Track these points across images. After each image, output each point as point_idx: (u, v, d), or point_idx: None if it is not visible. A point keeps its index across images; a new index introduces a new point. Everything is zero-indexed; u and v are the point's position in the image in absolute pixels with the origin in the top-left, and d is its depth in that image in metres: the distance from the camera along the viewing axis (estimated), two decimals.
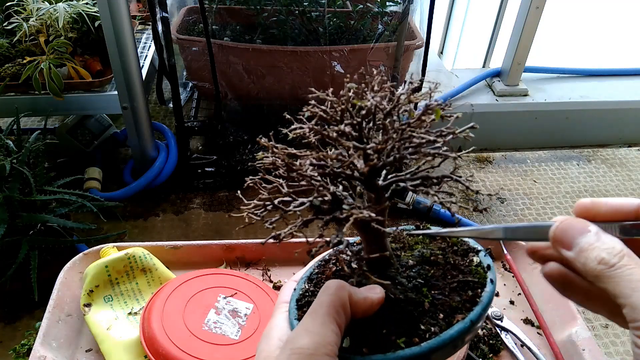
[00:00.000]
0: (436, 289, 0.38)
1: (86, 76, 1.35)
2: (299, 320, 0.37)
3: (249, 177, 0.38)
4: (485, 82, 2.04)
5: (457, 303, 0.36)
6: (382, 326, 0.36)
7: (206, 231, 1.47)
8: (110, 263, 0.69)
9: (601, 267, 0.30)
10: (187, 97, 1.75)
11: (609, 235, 0.32)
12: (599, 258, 0.31)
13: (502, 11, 2.01)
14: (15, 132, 1.20)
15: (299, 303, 0.40)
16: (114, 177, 1.58)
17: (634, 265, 0.30)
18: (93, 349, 0.64)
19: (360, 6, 1.55)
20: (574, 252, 0.32)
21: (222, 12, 1.56)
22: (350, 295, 0.35)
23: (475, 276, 0.38)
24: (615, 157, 1.90)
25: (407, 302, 0.37)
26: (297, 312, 0.39)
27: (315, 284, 0.41)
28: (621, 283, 0.30)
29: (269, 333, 0.38)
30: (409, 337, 0.35)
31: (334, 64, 1.48)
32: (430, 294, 0.37)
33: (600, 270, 0.30)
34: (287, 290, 0.42)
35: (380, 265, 0.39)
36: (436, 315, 0.36)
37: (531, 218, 1.58)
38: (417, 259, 0.40)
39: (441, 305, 0.37)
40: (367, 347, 0.35)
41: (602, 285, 0.31)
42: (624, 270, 0.30)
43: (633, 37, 2.30)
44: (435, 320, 0.36)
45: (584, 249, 0.31)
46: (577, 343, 0.64)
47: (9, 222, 1.07)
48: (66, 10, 1.38)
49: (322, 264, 0.43)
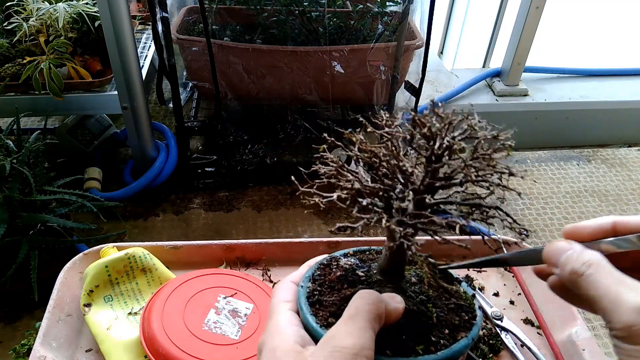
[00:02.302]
0: (437, 307, 0.41)
1: (86, 76, 1.35)
2: (315, 317, 0.38)
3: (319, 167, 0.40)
4: (485, 82, 2.04)
5: (458, 322, 0.41)
6: (400, 332, 0.38)
7: (206, 231, 1.47)
8: (110, 263, 0.69)
9: (573, 276, 0.34)
10: (187, 97, 1.75)
11: (590, 250, 0.35)
12: (570, 269, 0.34)
13: (502, 11, 2.01)
14: (15, 132, 1.20)
15: (310, 300, 0.40)
16: (114, 177, 1.58)
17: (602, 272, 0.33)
18: (93, 349, 0.64)
19: (360, 6, 1.55)
20: (559, 268, 0.36)
21: (222, 12, 1.56)
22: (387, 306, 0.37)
23: (465, 301, 0.43)
24: (615, 157, 1.90)
25: (419, 314, 0.40)
26: (310, 309, 0.39)
27: (319, 284, 0.42)
28: (590, 289, 0.33)
29: (278, 329, 0.37)
30: (426, 346, 0.38)
31: (334, 64, 1.48)
32: (434, 310, 0.41)
33: (574, 280, 0.34)
34: (282, 290, 0.41)
35: (394, 277, 0.42)
36: (442, 330, 0.40)
37: (531, 218, 1.58)
38: (417, 278, 0.44)
39: (445, 322, 0.40)
40: (390, 350, 0.37)
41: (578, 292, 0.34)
42: (592, 277, 0.33)
43: (633, 37, 2.30)
44: (442, 334, 0.39)
45: (564, 264, 0.35)
46: (577, 343, 0.64)
47: (9, 222, 1.07)
48: (66, 10, 1.38)
49: (322, 267, 0.44)
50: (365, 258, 0.46)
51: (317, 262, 0.45)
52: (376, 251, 0.47)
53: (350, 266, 0.43)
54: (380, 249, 0.46)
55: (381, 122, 0.40)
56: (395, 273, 0.42)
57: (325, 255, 0.46)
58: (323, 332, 0.36)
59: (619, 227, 0.37)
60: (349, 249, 0.47)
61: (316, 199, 0.38)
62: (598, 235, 0.37)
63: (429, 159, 0.37)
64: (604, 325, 0.32)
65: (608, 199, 1.69)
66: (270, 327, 0.38)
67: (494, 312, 0.69)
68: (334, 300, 0.40)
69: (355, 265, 0.44)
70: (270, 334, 0.37)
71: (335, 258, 0.45)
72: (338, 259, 0.45)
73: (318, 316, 0.39)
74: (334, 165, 0.39)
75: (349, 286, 0.41)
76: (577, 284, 0.34)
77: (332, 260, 0.45)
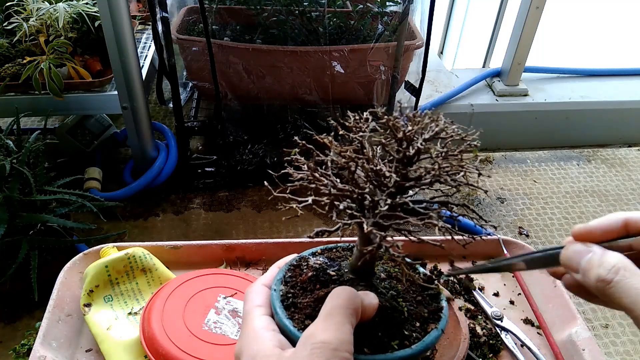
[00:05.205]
0: (406, 301, 0.42)
1: (86, 76, 1.35)
2: (292, 320, 0.38)
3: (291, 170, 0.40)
4: (485, 82, 2.04)
5: (427, 314, 0.42)
6: (375, 329, 0.39)
7: (206, 231, 1.47)
8: (110, 263, 0.69)
9: (600, 284, 0.32)
10: (187, 97, 1.75)
11: (612, 252, 0.33)
12: (596, 276, 0.33)
13: (502, 11, 2.01)
14: (15, 132, 1.20)
15: (284, 304, 0.41)
16: (114, 177, 1.58)
17: (630, 276, 0.31)
18: (93, 349, 0.64)
19: (360, 6, 1.55)
20: (580, 274, 0.34)
21: (222, 12, 1.56)
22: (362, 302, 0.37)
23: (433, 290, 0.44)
24: (615, 157, 1.90)
25: (392, 310, 0.41)
26: (286, 312, 0.39)
27: (292, 286, 0.42)
28: (622, 297, 0.31)
29: (256, 335, 0.37)
30: (401, 340, 0.39)
31: (334, 64, 1.48)
32: (405, 304, 0.42)
33: (602, 288, 0.32)
34: (255, 294, 0.41)
35: (366, 275, 0.42)
36: (414, 323, 0.41)
37: (531, 218, 1.58)
38: (385, 274, 0.44)
39: (415, 315, 0.41)
40: (367, 347, 0.38)
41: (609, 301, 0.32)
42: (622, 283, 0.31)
43: (633, 37, 2.30)
44: (414, 327, 0.40)
45: (586, 270, 0.34)
46: (577, 343, 0.64)
47: (9, 222, 1.07)
48: (66, 10, 1.38)
49: (292, 268, 0.45)
50: (334, 256, 0.46)
51: (286, 263, 0.45)
52: (343, 248, 0.47)
53: (320, 265, 0.43)
54: (347, 246, 0.47)
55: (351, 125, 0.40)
56: (367, 271, 0.42)
57: (294, 255, 0.46)
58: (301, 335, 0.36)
59: (631, 225, 0.35)
60: (317, 248, 0.47)
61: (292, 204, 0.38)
62: (610, 234, 0.36)
63: (401, 160, 0.38)
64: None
65: (608, 199, 1.69)
66: (247, 333, 0.37)
67: (494, 312, 0.69)
68: (308, 302, 0.40)
69: (325, 264, 0.44)
70: (248, 340, 0.37)
71: (304, 258, 0.45)
72: (307, 258, 0.45)
73: (294, 319, 0.39)
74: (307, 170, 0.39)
75: (321, 286, 0.41)
76: (605, 292, 0.32)
77: (302, 261, 0.45)
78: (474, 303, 0.72)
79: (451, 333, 0.63)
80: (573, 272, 0.35)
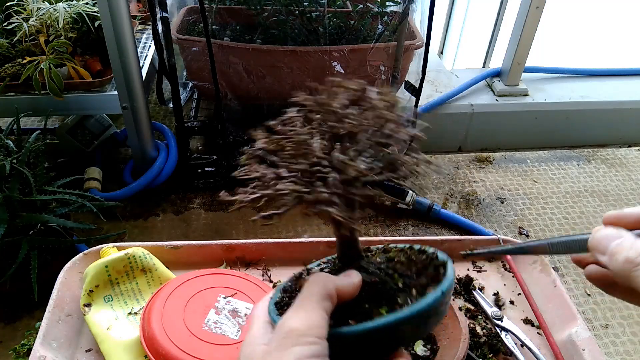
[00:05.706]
0: (404, 276, 0.41)
1: (86, 76, 1.35)
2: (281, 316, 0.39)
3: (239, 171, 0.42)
4: (485, 82, 2.04)
5: (426, 281, 0.40)
6: (363, 303, 0.39)
7: (206, 231, 1.47)
8: (110, 263, 0.69)
9: (627, 265, 0.33)
10: (187, 97, 1.75)
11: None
12: (625, 257, 0.33)
13: (502, 11, 2.01)
14: (15, 132, 1.20)
15: (278, 306, 0.41)
16: (114, 177, 1.58)
17: None
18: (93, 349, 0.64)
19: (360, 6, 1.55)
20: (607, 255, 0.34)
21: (222, 12, 1.56)
22: (335, 283, 0.37)
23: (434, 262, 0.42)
24: (615, 157, 1.90)
25: (383, 283, 0.40)
26: (277, 311, 0.40)
27: (290, 293, 0.43)
28: None
29: (252, 341, 0.38)
30: (391, 307, 0.38)
31: (334, 64, 1.48)
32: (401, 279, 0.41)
33: (627, 269, 0.33)
34: (259, 307, 0.43)
35: (351, 258, 0.43)
36: (410, 291, 0.39)
37: (531, 218, 1.58)
38: (384, 259, 0.44)
39: (413, 285, 0.40)
40: (353, 319, 0.38)
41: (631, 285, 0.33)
42: None
43: (633, 37, 2.30)
44: (410, 295, 0.39)
45: (614, 252, 0.34)
46: (577, 343, 0.64)
47: (9, 222, 1.07)
48: (66, 10, 1.38)
49: (295, 279, 0.46)
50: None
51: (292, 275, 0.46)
52: None
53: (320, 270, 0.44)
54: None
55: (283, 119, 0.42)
56: (351, 255, 0.42)
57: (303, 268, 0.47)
58: None
59: None
60: (325, 258, 0.48)
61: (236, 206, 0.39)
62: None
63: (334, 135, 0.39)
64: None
65: (608, 199, 1.69)
66: (246, 339, 0.39)
67: (494, 312, 0.69)
68: None
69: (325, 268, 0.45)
70: (245, 345, 0.39)
71: (308, 269, 0.46)
72: (311, 269, 0.46)
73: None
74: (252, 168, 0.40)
75: None
76: (630, 276, 0.32)
77: (304, 271, 0.46)
78: (474, 303, 0.72)
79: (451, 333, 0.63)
80: (599, 255, 0.35)
